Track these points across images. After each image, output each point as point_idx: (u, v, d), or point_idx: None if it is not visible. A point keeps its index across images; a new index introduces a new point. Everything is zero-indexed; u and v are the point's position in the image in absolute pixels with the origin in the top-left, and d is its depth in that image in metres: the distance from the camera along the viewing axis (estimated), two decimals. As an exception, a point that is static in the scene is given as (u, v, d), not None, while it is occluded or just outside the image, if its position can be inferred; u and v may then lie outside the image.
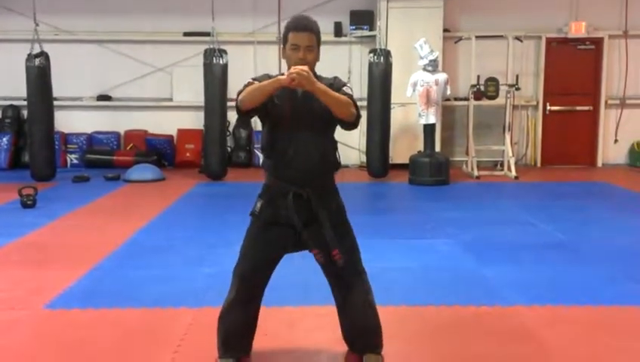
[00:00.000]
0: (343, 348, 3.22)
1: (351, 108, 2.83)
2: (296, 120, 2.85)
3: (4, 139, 9.74)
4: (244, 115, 2.89)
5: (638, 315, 3.79)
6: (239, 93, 2.84)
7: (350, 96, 2.87)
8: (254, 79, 2.91)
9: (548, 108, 10.24)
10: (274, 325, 3.53)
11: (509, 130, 9.29)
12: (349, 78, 9.99)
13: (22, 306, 3.90)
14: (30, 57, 8.27)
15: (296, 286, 3.91)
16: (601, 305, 3.89)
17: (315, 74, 2.88)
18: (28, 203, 6.75)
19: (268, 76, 2.95)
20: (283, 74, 2.89)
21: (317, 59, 2.92)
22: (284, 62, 2.98)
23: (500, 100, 9.24)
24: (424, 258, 4.97)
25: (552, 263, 4.81)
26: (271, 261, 2.98)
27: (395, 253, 5.09)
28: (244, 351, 3.09)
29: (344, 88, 2.91)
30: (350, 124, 2.89)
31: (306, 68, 2.68)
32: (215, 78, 8.45)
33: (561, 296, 4.07)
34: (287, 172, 2.89)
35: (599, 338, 3.45)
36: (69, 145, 10.04)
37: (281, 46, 2.94)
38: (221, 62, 8.45)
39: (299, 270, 3.37)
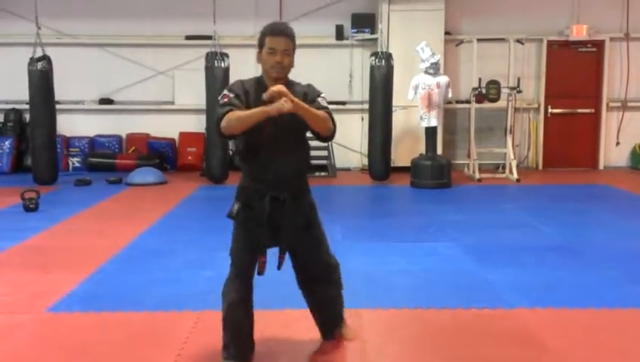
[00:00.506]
0: (339, 349, 3.24)
1: (328, 123, 2.91)
2: (274, 131, 2.88)
3: (7, 142, 9.76)
4: (227, 138, 2.96)
5: (641, 318, 3.79)
6: (220, 117, 2.81)
7: (326, 109, 2.94)
8: (230, 90, 2.91)
9: (549, 110, 10.24)
10: (271, 327, 3.53)
11: (510, 132, 9.30)
12: (350, 81, 10.03)
13: (24, 310, 3.90)
14: (32, 61, 8.29)
15: (293, 289, 3.90)
16: (604, 308, 3.89)
17: (288, 80, 2.96)
18: (30, 206, 6.76)
19: (242, 83, 2.98)
20: (260, 78, 2.97)
21: (292, 64, 2.96)
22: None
23: (501, 103, 9.24)
24: (426, 261, 4.96)
25: (554, 266, 4.81)
26: (257, 259, 3.06)
27: (396, 256, 5.09)
28: (247, 356, 3.12)
29: (319, 100, 2.97)
30: (326, 138, 2.97)
31: (283, 89, 2.69)
32: (217, 81, 8.45)
33: (563, 298, 4.06)
34: (264, 176, 2.94)
35: (601, 341, 3.44)
36: (71, 149, 10.06)
37: (257, 50, 2.98)
38: (223, 65, 8.46)
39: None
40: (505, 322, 3.69)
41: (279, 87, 2.70)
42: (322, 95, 3.01)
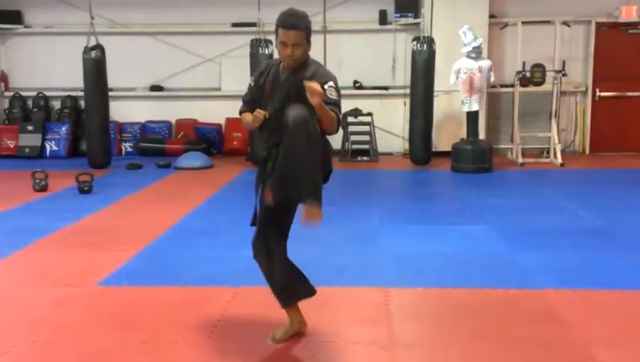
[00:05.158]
0: (372, 327, 3.40)
1: (334, 125, 2.93)
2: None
3: (63, 128, 10.22)
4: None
5: (669, 300, 3.81)
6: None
7: (335, 105, 2.93)
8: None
9: (598, 94, 10.05)
10: (307, 304, 3.70)
11: (555, 116, 9.20)
12: (393, 66, 10.07)
13: (77, 283, 4.20)
14: (86, 50, 8.64)
15: (330, 267, 4.06)
16: (631, 290, 3.93)
17: (301, 62, 3.03)
18: (85, 189, 7.13)
19: (267, 63, 3.30)
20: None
21: (306, 51, 3.05)
22: (329, 50, 3.14)
23: (546, 87, 9.15)
24: (458, 243, 5.06)
25: (586, 248, 4.83)
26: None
27: (430, 238, 5.20)
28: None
29: (327, 89, 2.92)
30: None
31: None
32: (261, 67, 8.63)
33: (591, 280, 4.12)
34: None
35: (625, 321, 3.50)
36: (123, 134, 10.46)
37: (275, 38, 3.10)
38: (267, 52, 8.65)
39: (332, 251, 3.55)
40: (531, 302, 3.78)
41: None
42: (330, 84, 2.95)
